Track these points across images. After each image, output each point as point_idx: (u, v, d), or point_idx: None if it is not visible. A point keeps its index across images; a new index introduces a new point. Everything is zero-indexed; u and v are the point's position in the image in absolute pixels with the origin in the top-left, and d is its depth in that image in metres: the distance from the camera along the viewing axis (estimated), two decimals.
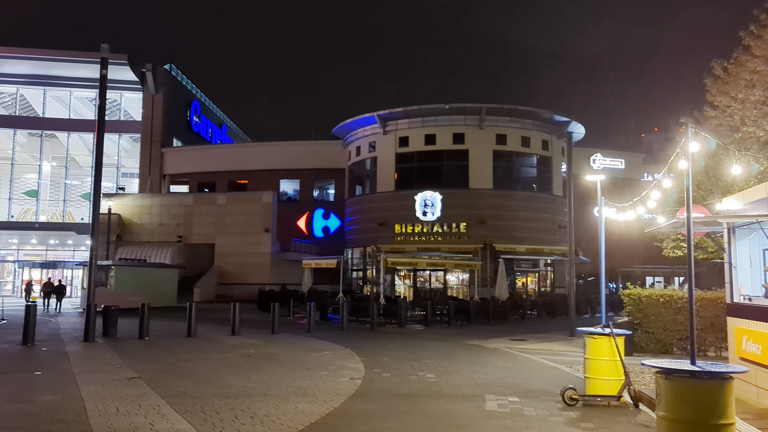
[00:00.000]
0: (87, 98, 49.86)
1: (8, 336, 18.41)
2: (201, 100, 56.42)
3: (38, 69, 47.25)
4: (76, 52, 46.60)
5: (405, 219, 37.65)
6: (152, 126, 48.54)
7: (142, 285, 31.65)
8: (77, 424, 7.90)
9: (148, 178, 48.05)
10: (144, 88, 48.27)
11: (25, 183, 49.27)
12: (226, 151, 52.17)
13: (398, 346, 17.59)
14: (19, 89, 48.65)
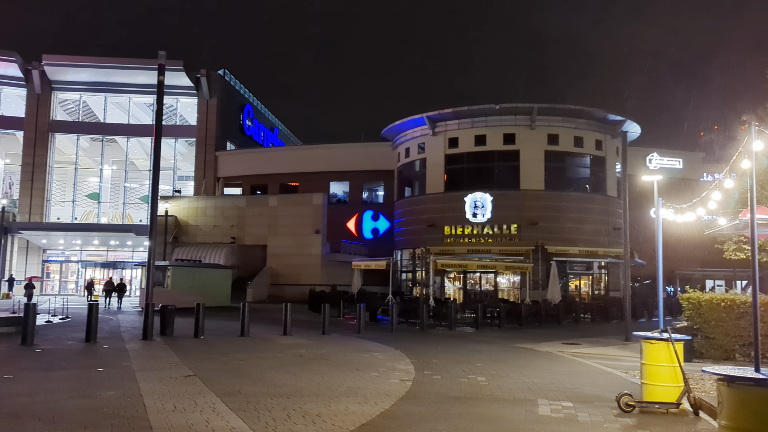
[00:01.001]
0: (145, 104, 51.55)
1: (72, 333, 19.21)
2: (253, 104, 57.55)
3: (99, 76, 49.15)
4: (135, 60, 48.25)
5: (455, 220, 37.44)
6: (207, 130, 49.80)
7: (197, 285, 32.48)
8: (137, 419, 8.17)
9: (203, 180, 49.31)
10: (199, 93, 49.57)
11: (87, 186, 51.29)
12: (277, 154, 53.04)
13: (448, 349, 17.49)
14: (82, 96, 50.72)
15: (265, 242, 43.05)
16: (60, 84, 49.00)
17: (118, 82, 49.47)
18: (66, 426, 7.76)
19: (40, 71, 47.53)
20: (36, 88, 47.73)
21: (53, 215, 48.73)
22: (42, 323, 21.11)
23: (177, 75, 46.62)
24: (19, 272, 44.73)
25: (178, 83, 47.63)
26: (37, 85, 47.65)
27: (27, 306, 16.69)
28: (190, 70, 48.24)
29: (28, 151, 47.70)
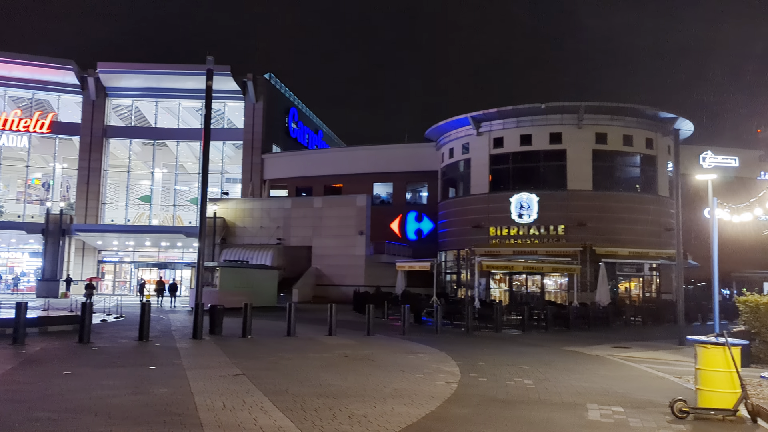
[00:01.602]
0: (194, 108, 52.80)
1: (126, 332, 19.81)
2: (298, 107, 58.26)
3: (151, 82, 50.59)
4: (184, 65, 49.48)
5: (500, 221, 37.05)
6: (253, 133, 50.67)
7: (244, 285, 33.06)
8: (188, 417, 8.36)
9: (249, 183, 50.19)
10: (245, 97, 50.48)
11: (139, 189, 52.84)
12: (321, 156, 53.55)
13: (494, 351, 17.32)
14: (134, 101, 52.31)
15: (310, 243, 43.50)
16: (114, 90, 50.65)
17: (169, 88, 50.81)
18: (121, 422, 8.00)
19: (95, 78, 49.23)
20: (91, 94, 49.45)
21: (108, 217, 50.40)
22: (97, 322, 21.82)
23: (224, 80, 47.58)
24: (76, 272, 46.42)
25: (225, 87, 48.61)
26: (92, 92, 49.37)
27: (84, 305, 17.29)
28: (237, 74, 49.17)
29: (84, 155, 49.45)
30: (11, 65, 47.66)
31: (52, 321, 19.99)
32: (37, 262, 46.87)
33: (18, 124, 47.86)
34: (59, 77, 49.05)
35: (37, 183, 51.91)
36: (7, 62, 47.54)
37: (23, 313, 16.54)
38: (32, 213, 49.48)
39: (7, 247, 48.47)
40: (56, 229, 44.56)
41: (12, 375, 11.54)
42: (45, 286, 43.21)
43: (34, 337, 17.39)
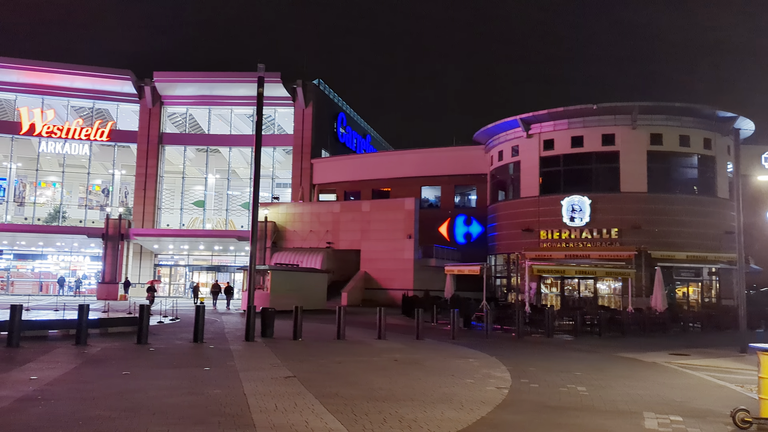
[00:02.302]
0: (245, 114, 53.92)
1: (181, 333, 20.37)
2: (346, 112, 58.74)
3: (204, 90, 51.93)
4: (236, 73, 50.61)
5: (551, 225, 36.43)
6: (303, 139, 51.36)
7: (294, 288, 33.51)
8: (241, 417, 8.54)
9: (299, 187, 50.87)
10: (295, 103, 51.24)
11: (193, 194, 54.26)
12: (369, 160, 53.82)
13: (545, 357, 17.03)
14: (188, 109, 53.77)
15: (359, 247, 43.74)
16: (169, 98, 52.20)
17: (221, 95, 52.05)
18: (178, 421, 8.24)
19: (151, 87, 50.86)
20: (148, 103, 51.12)
21: (163, 222, 51.94)
22: (154, 323, 22.50)
23: (275, 86, 48.40)
24: (133, 275, 48.01)
25: (275, 94, 49.43)
26: (148, 101, 51.04)
27: (142, 308, 17.87)
28: (286, 81, 49.94)
29: (141, 162, 51.13)
30: (74, 76, 49.72)
31: (112, 322, 20.74)
32: (97, 266, 48.68)
33: (80, 132, 49.88)
34: (118, 87, 50.89)
35: (97, 189, 53.98)
36: (70, 74, 49.62)
37: (85, 314, 17.22)
38: (93, 218, 51.46)
39: (70, 251, 50.52)
40: (115, 234, 46.21)
41: (76, 374, 12.03)
42: (105, 288, 44.87)
43: (96, 338, 18.07)
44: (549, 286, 37.59)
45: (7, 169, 50.02)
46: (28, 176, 51.71)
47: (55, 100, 50.65)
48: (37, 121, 48.95)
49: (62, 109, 51.27)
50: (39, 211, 51.03)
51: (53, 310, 27.24)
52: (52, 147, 50.00)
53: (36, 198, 51.41)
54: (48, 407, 8.98)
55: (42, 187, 52.44)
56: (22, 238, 47.90)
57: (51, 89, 49.95)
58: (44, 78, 49.35)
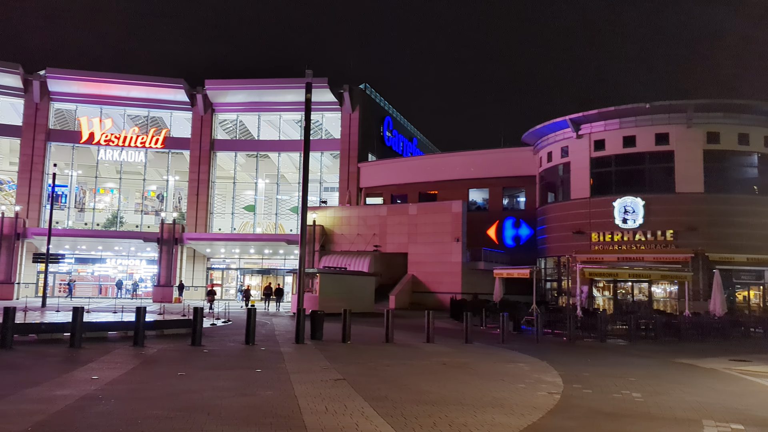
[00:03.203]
0: (293, 120, 54.71)
1: (233, 336, 20.80)
2: (393, 116, 58.90)
3: (253, 97, 52.97)
4: (284, 79, 51.43)
5: (602, 227, 35.62)
6: (349, 143, 51.77)
7: (342, 291, 33.79)
8: (292, 419, 8.66)
9: (346, 191, 51.28)
10: (342, 108, 51.70)
11: (244, 199, 55.37)
12: (416, 163, 53.79)
13: (598, 362, 16.67)
14: (239, 116, 54.94)
15: (406, 250, 43.74)
16: (220, 106, 53.44)
17: (270, 101, 52.96)
18: (231, 422, 8.42)
19: (203, 95, 52.19)
20: (200, 110, 52.45)
21: (215, 226, 53.16)
22: (207, 326, 23.06)
23: (322, 91, 48.95)
24: (187, 279, 49.31)
25: (323, 99, 49.99)
26: (200, 108, 52.37)
27: (196, 310, 18.34)
28: (333, 86, 50.42)
29: (194, 168, 52.50)
30: (130, 86, 51.49)
31: (167, 324, 21.36)
32: (153, 269, 50.19)
33: (136, 140, 51.58)
34: (171, 95, 52.41)
35: (152, 195, 55.68)
36: (126, 84, 51.39)
37: (143, 317, 17.79)
38: (148, 223, 53.11)
39: (127, 255, 52.25)
40: (170, 238, 47.58)
41: (134, 375, 12.45)
42: (160, 291, 46.25)
43: (152, 340, 18.65)
44: (601, 290, 36.74)
45: (68, 177, 52.12)
46: (88, 183, 53.77)
47: (112, 110, 52.55)
48: (96, 130, 50.87)
49: (119, 118, 53.14)
50: (98, 216, 53.00)
51: (112, 313, 28.25)
52: (110, 155, 51.86)
53: (95, 204, 53.40)
54: (108, 406, 9.33)
55: (101, 193, 54.45)
56: (82, 242, 49.85)
57: (109, 99, 51.85)
58: (102, 88, 51.26)
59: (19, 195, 49.18)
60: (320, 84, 47.84)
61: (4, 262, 45.48)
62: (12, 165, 51.42)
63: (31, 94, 49.78)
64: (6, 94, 49.90)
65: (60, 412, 8.79)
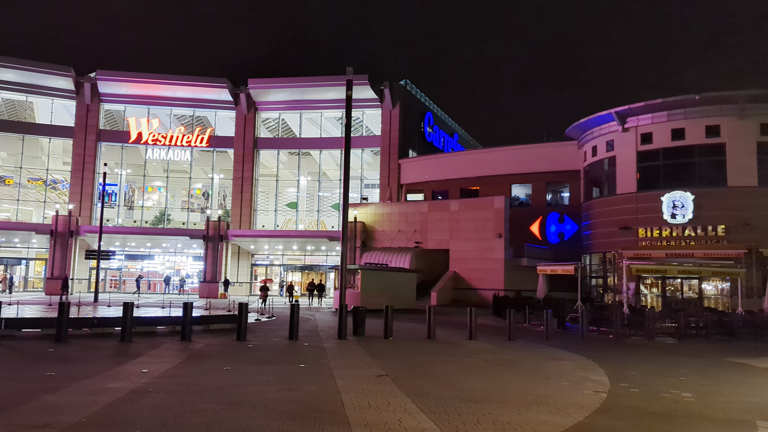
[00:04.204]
0: (334, 118, 55.08)
1: (277, 331, 21.10)
2: (433, 111, 58.65)
3: (295, 95, 53.53)
4: (325, 77, 51.78)
5: (650, 222, 34.74)
6: (390, 139, 51.80)
7: (384, 288, 33.86)
8: (336, 414, 8.73)
9: (387, 188, 51.35)
10: (382, 104, 51.75)
11: (286, 196, 56.06)
12: (457, 159, 53.46)
13: (646, 360, 16.28)
14: (281, 114, 55.62)
15: (447, 246, 43.54)
16: (262, 104, 54.19)
17: (311, 99, 53.43)
18: (276, 416, 8.55)
19: (246, 94, 53.00)
20: (243, 109, 53.31)
21: (259, 223, 53.99)
22: (252, 321, 23.44)
23: (363, 89, 49.10)
24: (232, 275, 50.23)
25: (363, 96, 50.14)
26: (243, 107, 53.21)
27: (241, 306, 18.67)
28: (374, 82, 50.50)
29: (237, 166, 53.41)
30: (176, 86, 52.68)
31: (213, 320, 21.81)
32: (199, 265, 51.30)
33: (182, 139, 52.75)
34: (215, 95, 53.40)
35: (198, 193, 56.91)
36: (173, 84, 52.60)
37: (190, 312, 18.23)
38: (194, 220, 54.30)
39: (174, 252, 53.54)
40: (215, 235, 48.55)
41: (182, 368, 12.76)
42: (206, 287, 47.26)
43: (199, 334, 19.07)
44: (649, 287, 35.85)
45: (118, 176, 53.71)
46: (137, 182, 55.28)
47: (159, 110, 53.87)
48: (143, 130, 52.23)
49: (166, 117, 54.44)
50: (146, 214, 54.46)
51: (160, 308, 29.00)
52: (157, 154, 53.18)
53: (143, 202, 54.88)
54: (158, 399, 9.58)
55: (149, 191, 55.92)
56: (131, 239, 51.33)
57: (156, 99, 53.17)
58: (149, 89, 52.59)
59: (72, 194, 50.91)
60: (361, 81, 47.98)
61: (59, 258, 47.16)
62: (65, 165, 53.25)
63: (82, 96, 51.42)
64: (59, 96, 51.69)
65: (112, 404, 9.07)
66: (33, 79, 50.12)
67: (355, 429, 7.91)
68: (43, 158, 53.33)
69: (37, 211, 52.40)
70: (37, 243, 49.48)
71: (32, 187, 53.15)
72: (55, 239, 47.15)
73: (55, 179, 53.87)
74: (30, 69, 49.67)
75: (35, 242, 49.38)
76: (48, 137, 52.39)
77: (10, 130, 51.46)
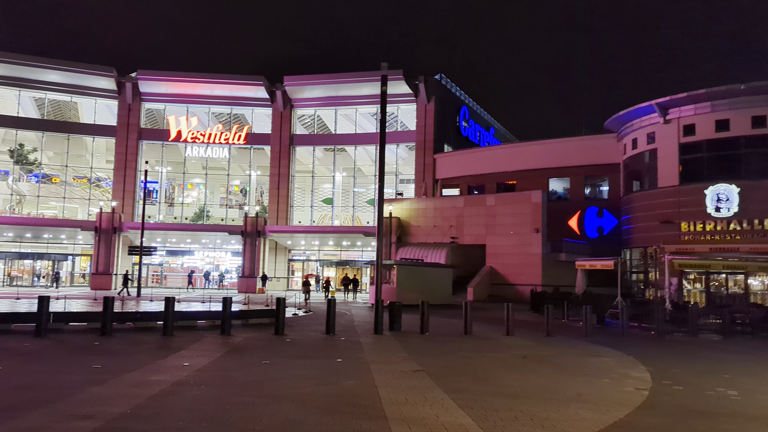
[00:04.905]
0: (369, 113, 55.16)
1: (314, 326, 21.29)
2: (469, 106, 58.22)
3: (330, 92, 53.79)
4: (360, 73, 51.88)
5: (692, 216, 33.84)
6: (425, 134, 51.64)
7: (419, 283, 33.82)
8: (373, 409, 8.78)
9: (422, 183, 51.22)
10: (417, 99, 51.61)
11: (322, 192, 56.46)
12: (493, 153, 52.96)
13: (689, 357, 15.91)
14: (316, 110, 56.00)
15: (484, 242, 43.23)
16: (298, 101, 54.63)
17: (346, 95, 53.64)
18: (314, 410, 8.64)
19: (282, 91, 53.49)
20: (279, 106, 53.83)
21: (295, 219, 54.51)
22: (289, 316, 23.73)
23: (397, 83, 49.04)
24: (269, 270, 50.87)
25: (398, 91, 50.06)
26: (280, 104, 53.72)
27: (278, 301, 18.90)
28: (408, 77, 50.36)
29: (274, 163, 54.00)
30: (214, 85, 53.53)
31: (251, 314, 22.14)
32: (237, 261, 52.10)
33: (220, 137, 53.59)
34: (252, 93, 54.05)
35: (236, 189, 57.77)
36: (211, 82, 53.46)
37: (229, 307, 18.54)
38: (233, 216, 55.16)
39: (213, 247, 54.50)
40: (253, 231, 49.23)
41: (222, 362, 12.99)
42: (245, 282, 47.99)
43: (238, 329, 19.38)
44: (692, 282, 34.96)
45: (158, 173, 54.88)
46: (176, 179, 56.38)
47: (197, 108, 54.80)
48: (183, 128, 53.21)
49: (204, 115, 55.35)
50: (186, 210, 55.52)
51: (200, 302, 29.57)
52: (196, 151, 54.13)
53: (183, 199, 55.98)
54: (199, 391, 9.79)
55: (188, 188, 57.01)
56: (172, 235, 52.43)
57: (194, 98, 54.11)
58: (188, 88, 53.54)
59: (114, 191, 52.24)
60: (395, 76, 47.91)
61: (103, 254, 48.48)
62: (108, 163, 54.66)
63: (124, 95, 52.65)
64: (102, 96, 53.04)
65: (155, 396, 9.30)
66: (77, 80, 51.54)
67: (392, 424, 7.93)
68: (87, 157, 54.81)
69: (82, 208, 53.95)
70: (83, 239, 50.94)
71: (77, 185, 54.76)
72: (100, 235, 48.46)
73: (98, 177, 55.36)
74: (74, 70, 51.09)
75: (81, 238, 50.83)
76: (92, 136, 53.80)
77: (56, 130, 53.04)
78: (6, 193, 52.83)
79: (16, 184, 53.11)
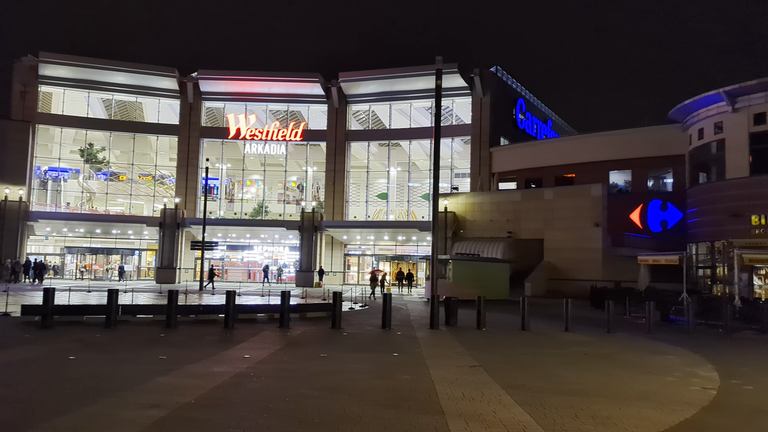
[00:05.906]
0: (423, 107, 54.98)
1: (370, 320, 21.45)
2: (526, 98, 57.21)
3: (384, 87, 53.91)
4: (414, 67, 51.75)
5: (764, 209, 32.25)
6: (481, 128, 51.07)
7: (476, 278, 33.52)
8: (429, 403, 8.79)
9: (478, 177, 50.70)
10: (472, 92, 51.07)
11: (377, 187, 56.70)
12: (551, 146, 51.90)
13: (761, 356, 15.22)
14: (371, 106, 56.22)
15: (541, 236, 42.44)
16: (353, 97, 55.02)
17: (400, 90, 53.63)
18: (371, 403, 8.71)
19: (337, 88, 53.97)
20: (335, 103, 54.35)
21: (351, 214, 54.98)
22: (346, 310, 23.95)
23: (452, 77, 48.66)
24: (326, 264, 51.52)
25: (453, 85, 49.67)
26: (335, 101, 54.24)
27: (335, 295, 19.15)
28: (463, 71, 49.86)
29: (330, 158, 54.61)
30: (271, 83, 54.52)
31: (309, 308, 22.49)
32: (295, 255, 52.98)
33: (277, 134, 54.57)
34: (308, 90, 54.77)
35: (293, 185, 58.71)
36: (268, 80, 54.50)
37: (287, 301, 18.89)
38: (290, 212, 56.07)
39: (272, 242, 55.60)
40: (310, 226, 49.95)
41: (281, 355, 13.26)
42: (302, 276, 48.78)
43: (296, 322, 19.73)
44: (763, 278, 33.36)
45: (219, 170, 56.37)
46: (236, 175, 57.77)
47: (255, 106, 55.95)
48: (242, 126, 54.45)
49: (261, 113, 56.46)
50: (245, 206, 56.86)
51: (260, 296, 30.25)
52: (254, 148, 55.32)
53: (243, 195, 57.33)
54: (259, 383, 10.03)
55: (247, 185, 58.33)
56: (232, 231, 53.81)
57: (252, 96, 55.26)
58: (246, 86, 54.73)
59: (177, 188, 53.97)
60: (450, 69, 47.53)
61: (167, 249, 50.20)
62: (171, 161, 56.50)
63: (185, 95, 54.25)
64: (164, 96, 54.86)
65: (217, 387, 9.59)
66: (142, 81, 53.47)
67: (449, 419, 7.92)
68: (152, 155, 56.83)
69: (148, 204, 55.99)
70: (148, 234, 52.88)
71: (142, 182, 56.87)
72: (164, 231, 50.18)
73: (162, 174, 57.33)
74: (139, 71, 53.04)
75: (146, 234, 52.79)
76: (155, 135, 55.74)
77: (122, 129, 55.19)
78: (77, 190, 55.36)
79: (86, 182, 55.62)
